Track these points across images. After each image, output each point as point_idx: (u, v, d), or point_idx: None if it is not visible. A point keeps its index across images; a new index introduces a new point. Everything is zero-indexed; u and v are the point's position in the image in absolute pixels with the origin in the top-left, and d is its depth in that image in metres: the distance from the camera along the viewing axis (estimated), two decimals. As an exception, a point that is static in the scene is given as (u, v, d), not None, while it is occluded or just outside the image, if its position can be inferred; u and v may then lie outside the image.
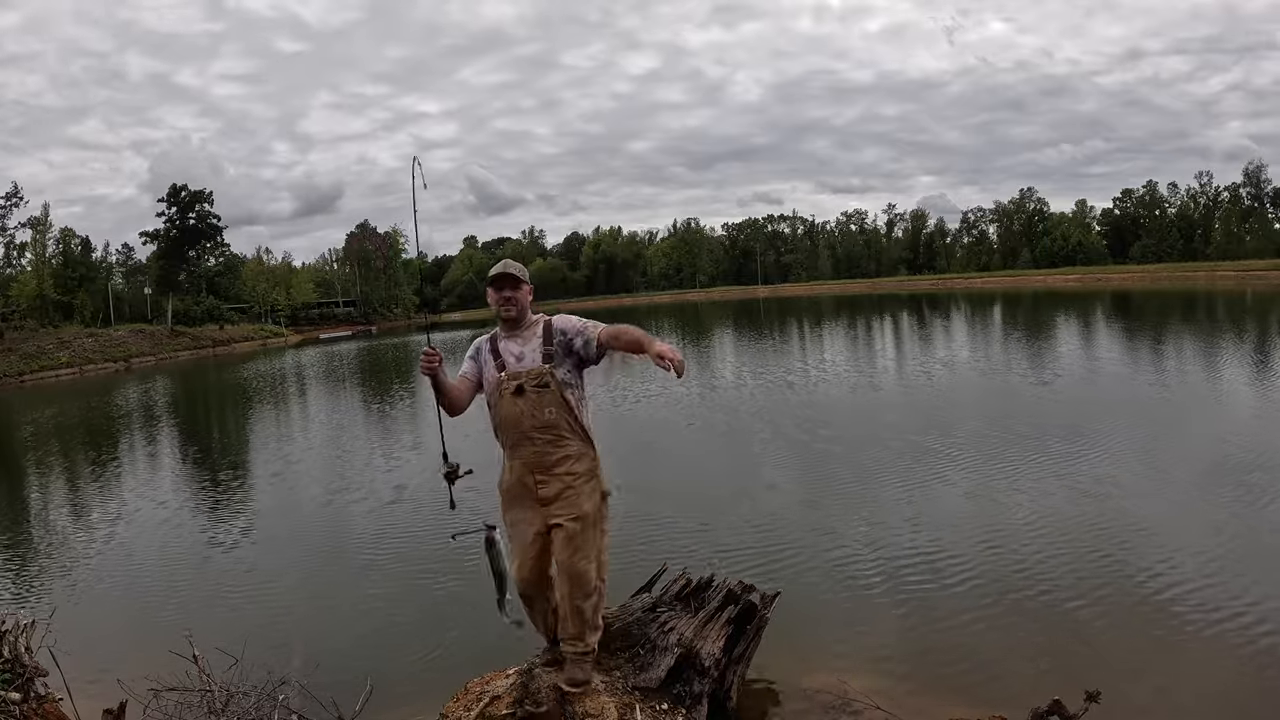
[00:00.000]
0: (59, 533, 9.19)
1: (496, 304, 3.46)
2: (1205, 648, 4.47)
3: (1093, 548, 6.03)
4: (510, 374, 3.41)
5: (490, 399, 3.50)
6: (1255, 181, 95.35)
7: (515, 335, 3.48)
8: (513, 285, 3.44)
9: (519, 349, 3.45)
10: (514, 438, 3.42)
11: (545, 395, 3.38)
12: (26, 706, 3.81)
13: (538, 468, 3.41)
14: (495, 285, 3.46)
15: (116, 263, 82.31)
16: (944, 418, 11.66)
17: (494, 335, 3.56)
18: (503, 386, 3.42)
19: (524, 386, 3.38)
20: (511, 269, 3.46)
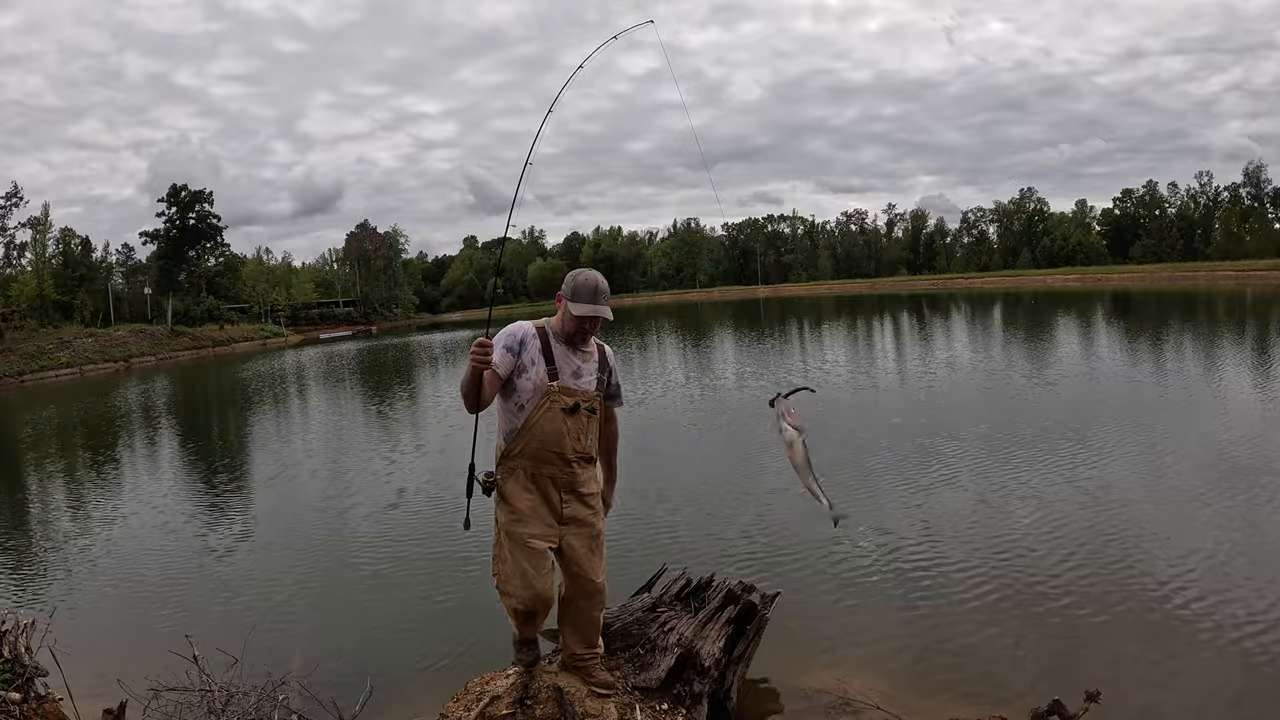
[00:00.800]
0: (59, 533, 9.19)
1: (575, 326, 3.14)
2: (1205, 648, 4.47)
3: (1093, 548, 6.03)
4: (564, 388, 3.14)
5: (525, 402, 3.15)
6: (1255, 181, 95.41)
7: (576, 350, 3.21)
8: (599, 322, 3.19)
9: (578, 364, 3.20)
10: (545, 455, 3.15)
11: (592, 422, 3.22)
12: (26, 706, 3.81)
13: (566, 488, 3.22)
14: (581, 318, 3.12)
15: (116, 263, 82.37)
16: (944, 417, 11.66)
17: (543, 333, 3.20)
18: (552, 398, 3.12)
19: (580, 406, 3.15)
20: (606, 312, 3.12)
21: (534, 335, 3.18)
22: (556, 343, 3.18)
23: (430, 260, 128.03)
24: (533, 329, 3.19)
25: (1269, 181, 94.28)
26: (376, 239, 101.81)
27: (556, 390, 3.11)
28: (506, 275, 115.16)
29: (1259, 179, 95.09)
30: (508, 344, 3.14)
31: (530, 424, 3.12)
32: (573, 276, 3.12)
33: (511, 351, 3.15)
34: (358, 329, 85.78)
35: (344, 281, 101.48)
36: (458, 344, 41.65)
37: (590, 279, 3.07)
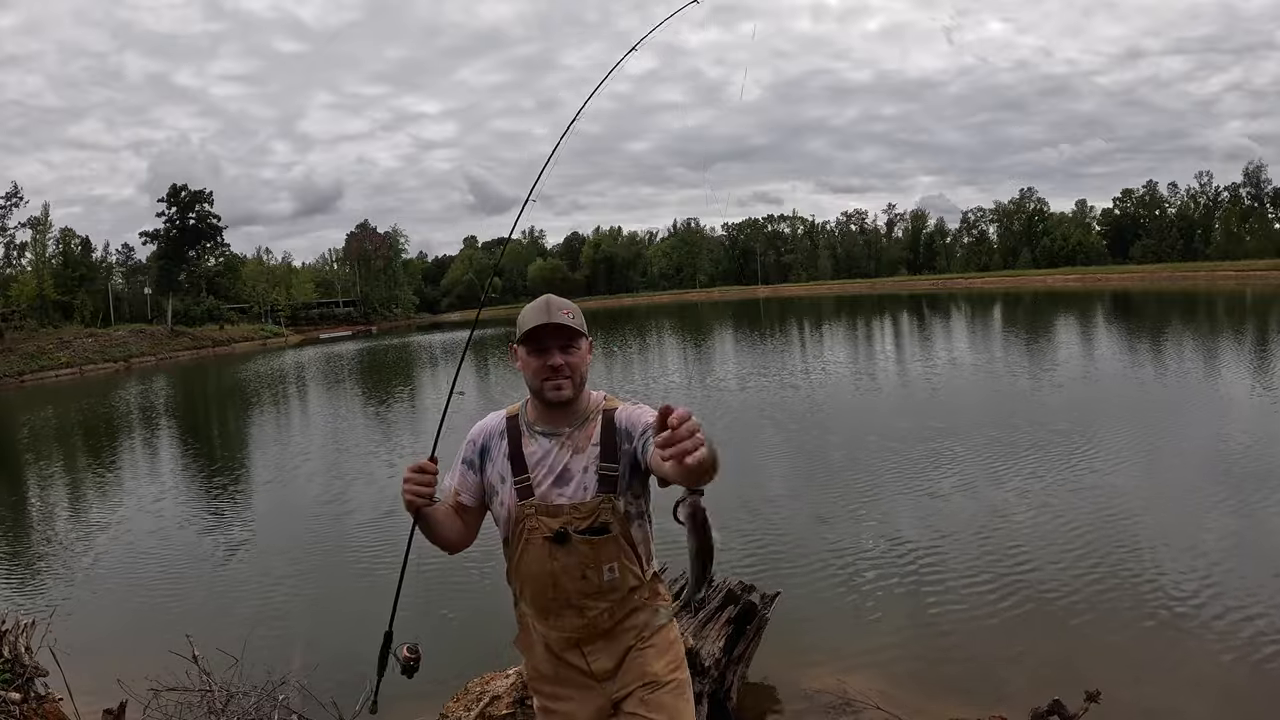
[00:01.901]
0: (59, 533, 9.19)
1: (537, 375, 2.02)
2: (1205, 648, 4.47)
3: (1093, 548, 6.03)
4: (543, 506, 2.01)
5: (504, 533, 2.12)
6: (1255, 181, 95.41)
7: (558, 430, 2.06)
8: (566, 339, 2.02)
9: (562, 459, 2.03)
10: (546, 603, 2.07)
11: (604, 547, 2.00)
12: (26, 706, 3.81)
13: (589, 639, 2.10)
14: (534, 340, 2.01)
15: (116, 263, 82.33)
16: (944, 418, 11.66)
17: (513, 421, 2.13)
18: (528, 527, 2.03)
19: (567, 533, 1.99)
20: (560, 315, 2.01)
21: (501, 434, 2.12)
22: (531, 434, 2.07)
23: (430, 260, 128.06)
24: (501, 422, 2.14)
25: (1269, 181, 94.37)
26: (376, 239, 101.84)
27: (532, 514, 2.02)
28: (506, 275, 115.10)
29: (1259, 179, 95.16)
30: (467, 456, 2.15)
31: (514, 562, 2.09)
32: (521, 317, 2.08)
33: (473, 467, 2.14)
34: (358, 329, 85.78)
35: (344, 281, 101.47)
36: (457, 344, 41.65)
37: (537, 301, 2.07)
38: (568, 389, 2.01)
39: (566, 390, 2.01)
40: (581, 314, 2.06)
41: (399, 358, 37.37)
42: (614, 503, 1.99)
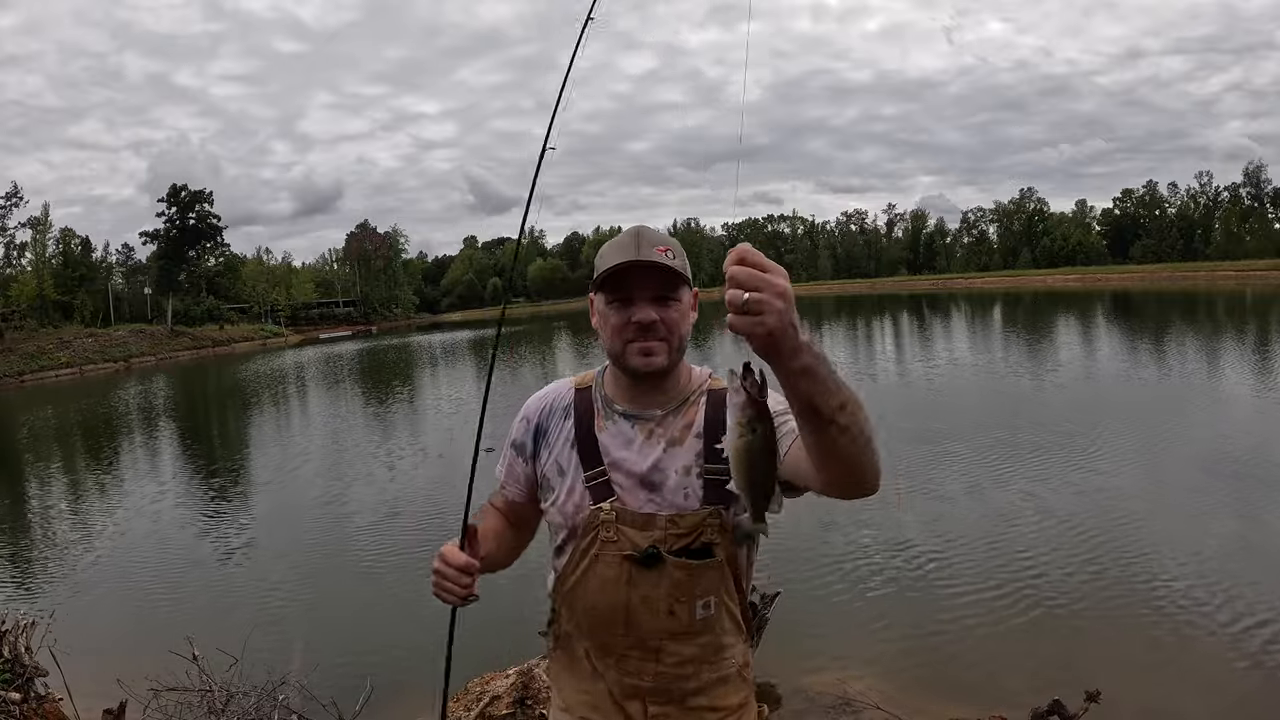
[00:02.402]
0: (59, 533, 9.19)
1: (618, 334, 1.49)
2: (1205, 648, 4.47)
3: (1093, 548, 6.03)
4: (627, 513, 1.49)
5: (558, 540, 1.59)
6: (1255, 181, 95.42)
7: (645, 412, 1.54)
8: (660, 286, 1.47)
9: (651, 452, 1.51)
10: (610, 642, 1.55)
11: (704, 575, 1.48)
12: (26, 706, 3.81)
13: (659, 694, 1.54)
14: (615, 286, 1.49)
15: (116, 263, 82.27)
16: (945, 418, 11.66)
17: (583, 396, 1.61)
18: (600, 539, 1.50)
19: (660, 553, 1.46)
20: (654, 251, 1.46)
21: (566, 410, 1.60)
22: (609, 415, 1.55)
23: (430, 260, 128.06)
24: (568, 394, 1.62)
25: (1269, 181, 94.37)
26: (376, 239, 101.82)
27: (609, 519, 1.49)
28: (506, 275, 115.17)
29: (1259, 179, 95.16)
30: (517, 438, 1.65)
31: (569, 584, 1.55)
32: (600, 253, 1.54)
33: (523, 453, 1.64)
34: (358, 329, 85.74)
35: (344, 281, 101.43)
36: (457, 344, 41.66)
37: (622, 234, 1.51)
38: (661, 355, 1.47)
39: (659, 357, 1.47)
40: (685, 254, 1.51)
41: (399, 358, 37.38)
42: (722, 517, 1.45)
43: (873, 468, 1.17)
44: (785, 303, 0.97)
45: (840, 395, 1.06)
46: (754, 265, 0.98)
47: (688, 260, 1.53)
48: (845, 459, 1.14)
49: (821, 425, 1.08)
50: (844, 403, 1.07)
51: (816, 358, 1.03)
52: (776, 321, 0.96)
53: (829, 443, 1.11)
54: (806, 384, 1.03)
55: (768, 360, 1.01)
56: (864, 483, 1.19)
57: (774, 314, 0.96)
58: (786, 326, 0.97)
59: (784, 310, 0.97)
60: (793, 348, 1.00)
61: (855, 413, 1.10)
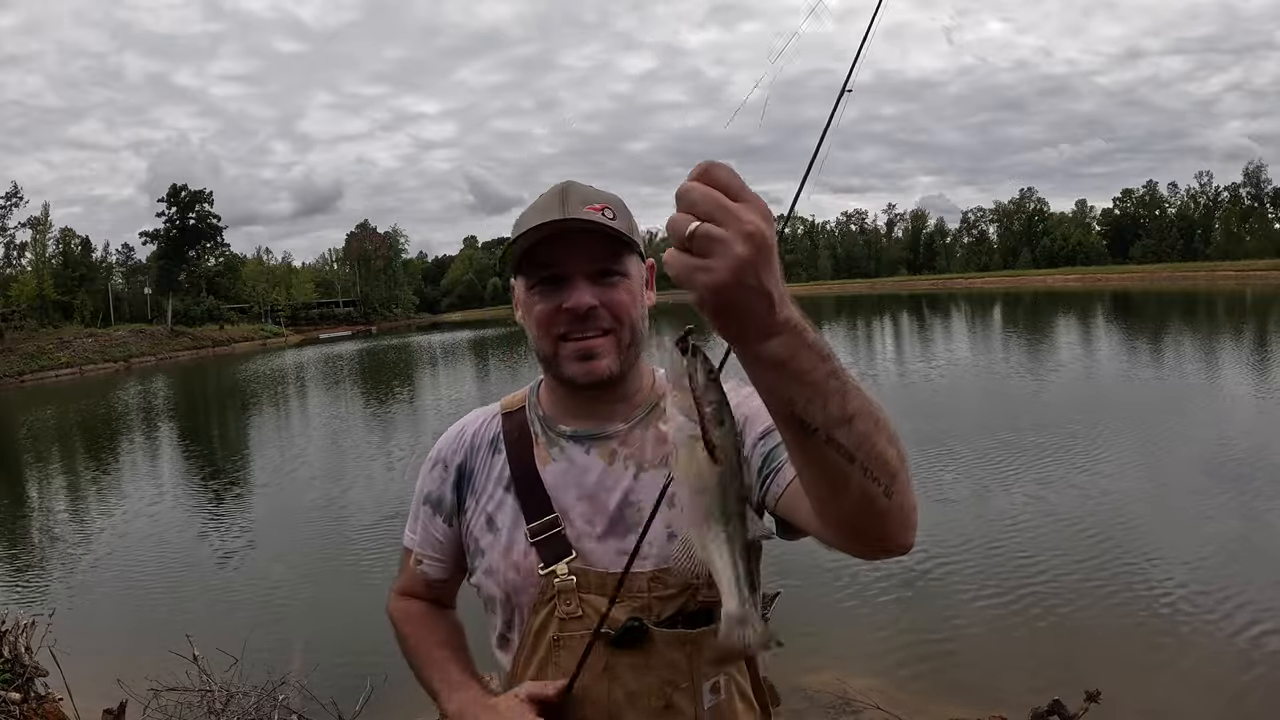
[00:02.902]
0: (59, 534, 9.19)
1: (546, 328, 1.11)
2: (1205, 648, 4.48)
3: (1093, 548, 6.03)
4: (588, 574, 1.10)
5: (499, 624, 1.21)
6: (1255, 181, 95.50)
7: (599, 430, 1.16)
8: (598, 258, 1.09)
9: (615, 484, 1.13)
10: None
11: (709, 646, 1.07)
12: (26, 706, 3.81)
13: None
14: (538, 262, 1.10)
15: (116, 263, 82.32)
16: (944, 417, 11.65)
17: (514, 420, 1.23)
18: (558, 616, 1.11)
19: (644, 626, 1.06)
20: (586, 210, 1.06)
21: (493, 442, 1.22)
22: (551, 440, 1.18)
23: (430, 260, 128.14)
24: (492, 423, 1.24)
25: (1269, 181, 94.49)
26: (376, 239, 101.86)
27: (567, 585, 1.10)
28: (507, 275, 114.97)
29: (1259, 179, 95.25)
30: (430, 490, 1.25)
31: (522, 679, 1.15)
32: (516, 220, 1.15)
33: (440, 508, 1.24)
34: (357, 329, 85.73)
35: (344, 281, 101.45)
36: (457, 344, 41.66)
37: (549, 191, 1.13)
38: (607, 356, 1.08)
39: (605, 360, 1.08)
40: (629, 213, 1.13)
41: (399, 358, 37.38)
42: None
43: (898, 515, 0.79)
44: (752, 251, 0.63)
45: (843, 403, 0.72)
46: (719, 185, 0.64)
47: (636, 222, 1.14)
48: (853, 501, 0.77)
49: (811, 448, 0.73)
50: (849, 415, 0.72)
51: (800, 343, 0.70)
52: (731, 275, 0.63)
53: (826, 475, 0.76)
54: (782, 382, 0.70)
55: (725, 337, 0.70)
56: (884, 537, 0.82)
57: (730, 262, 0.62)
58: (748, 286, 0.64)
59: (747, 261, 0.63)
60: (761, 324, 0.67)
61: (869, 431, 0.73)
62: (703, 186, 0.64)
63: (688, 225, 0.63)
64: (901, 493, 0.78)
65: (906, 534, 0.82)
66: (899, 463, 0.77)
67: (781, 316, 0.67)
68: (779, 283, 0.66)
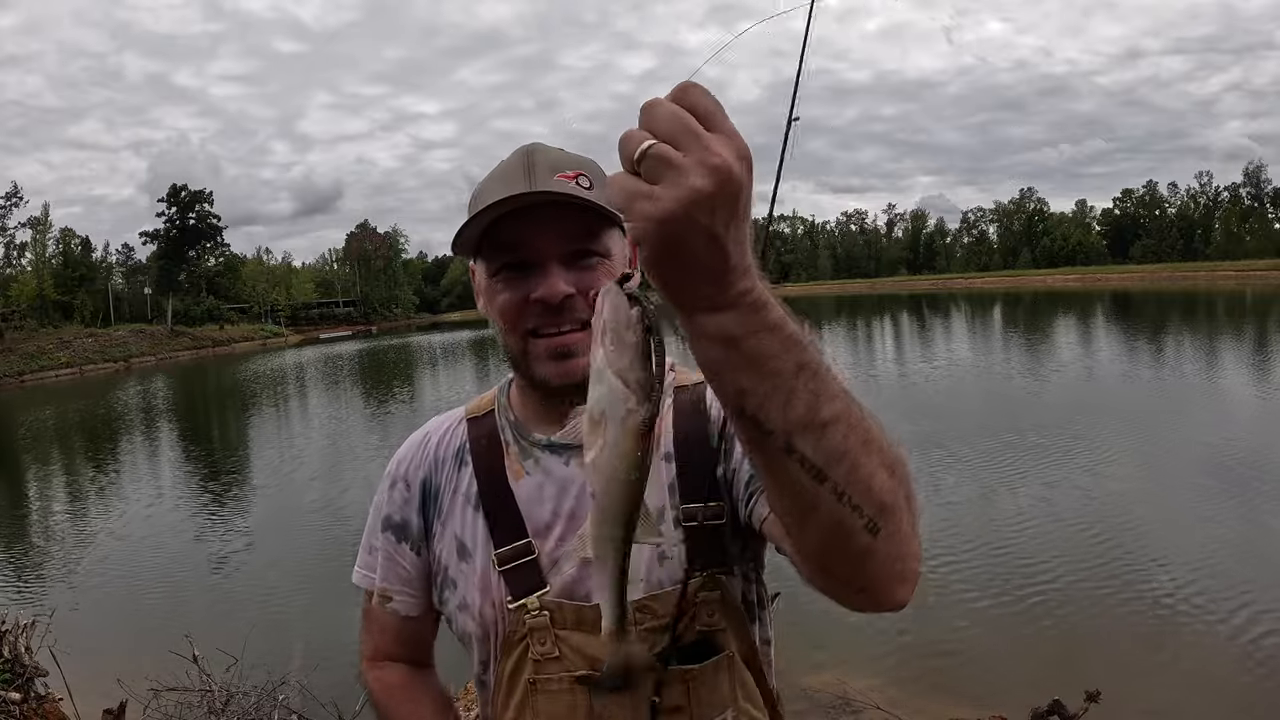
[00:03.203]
0: (59, 534, 9.19)
1: (514, 321, 0.96)
2: (1205, 648, 4.48)
3: (1093, 549, 6.03)
4: (564, 608, 0.95)
5: (476, 662, 1.04)
6: (1255, 181, 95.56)
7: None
8: (573, 236, 0.93)
9: None
10: None
11: (708, 686, 0.95)
12: (26, 706, 3.81)
13: None
14: (501, 246, 0.95)
15: (116, 263, 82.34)
16: (943, 417, 11.66)
17: (480, 426, 1.08)
18: (531, 657, 0.96)
19: (632, 672, 0.80)
20: (554, 179, 0.92)
21: (458, 454, 1.08)
22: (525, 450, 1.03)
23: (430, 260, 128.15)
24: (458, 425, 1.12)
25: (1269, 181, 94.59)
26: (376, 239, 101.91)
27: (540, 622, 0.95)
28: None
29: (1259, 179, 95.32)
30: (392, 514, 1.12)
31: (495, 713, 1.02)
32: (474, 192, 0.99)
33: (405, 534, 1.10)
34: (357, 329, 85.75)
35: (344, 281, 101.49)
36: (457, 344, 41.66)
37: (509, 157, 0.99)
38: (586, 354, 0.83)
39: (583, 358, 0.91)
40: (604, 177, 0.92)
41: (399, 358, 37.38)
42: (724, 586, 0.96)
43: (885, 562, 0.66)
44: (713, 186, 0.52)
45: (813, 405, 0.58)
46: (694, 109, 0.53)
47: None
48: (822, 532, 0.64)
49: (767, 454, 0.61)
50: (820, 420, 0.59)
51: (760, 322, 0.57)
52: (679, 208, 0.51)
53: (786, 493, 0.63)
54: (731, 366, 0.58)
55: (664, 294, 0.57)
56: (865, 587, 0.68)
57: (681, 193, 0.51)
58: (698, 229, 0.52)
59: (703, 196, 0.51)
60: (710, 287, 0.55)
61: (849, 448, 0.60)
62: (671, 105, 0.53)
63: (641, 142, 0.52)
64: (895, 534, 0.64)
65: (896, 588, 0.68)
66: (894, 495, 0.63)
67: (739, 287, 0.55)
68: (742, 244, 0.55)
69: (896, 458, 0.64)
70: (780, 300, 0.59)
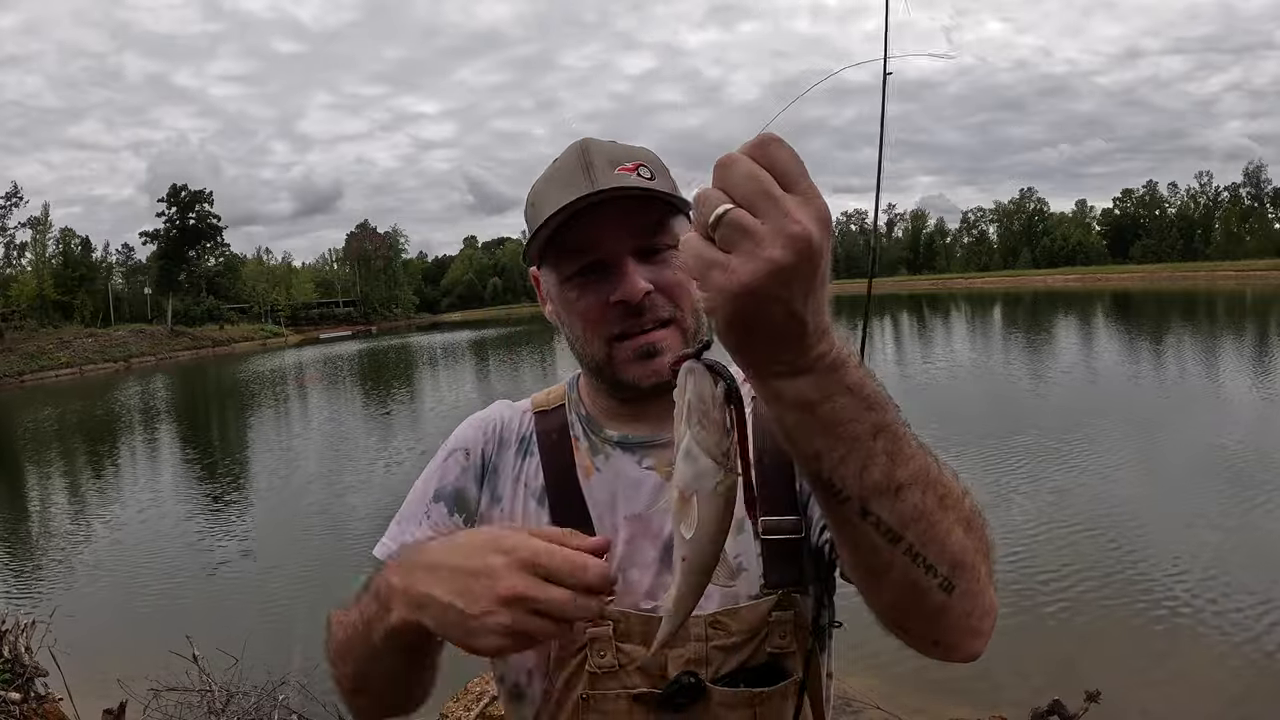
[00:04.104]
0: (59, 533, 9.19)
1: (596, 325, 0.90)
2: (1205, 648, 4.48)
3: (1092, 548, 6.03)
4: (633, 620, 0.88)
5: (520, 682, 0.95)
6: (1255, 181, 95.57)
7: (654, 437, 0.93)
8: (644, 230, 0.88)
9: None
10: None
11: (775, 708, 0.88)
12: (26, 706, 3.81)
13: None
14: (573, 248, 0.89)
15: (116, 263, 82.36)
16: (944, 418, 11.65)
17: (550, 419, 1.01)
18: (589, 670, 0.88)
19: (701, 684, 0.85)
20: (619, 174, 0.86)
21: (526, 438, 1.01)
22: (596, 446, 0.97)
23: (430, 260, 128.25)
24: (524, 415, 1.04)
25: (1269, 181, 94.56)
26: (376, 239, 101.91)
27: (603, 632, 0.88)
28: (507, 275, 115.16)
29: (1259, 179, 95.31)
30: (449, 482, 1.02)
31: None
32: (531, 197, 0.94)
33: (463, 503, 1.01)
34: (358, 329, 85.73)
35: (344, 281, 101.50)
36: (457, 344, 41.65)
37: (564, 155, 0.92)
38: (672, 351, 0.87)
39: (670, 356, 0.81)
40: (665, 167, 0.94)
41: (399, 358, 37.38)
42: (798, 607, 0.90)
43: (960, 619, 0.67)
44: (792, 258, 0.49)
45: (889, 468, 0.59)
46: (773, 167, 0.51)
47: (674, 179, 0.93)
48: (896, 592, 0.66)
49: (842, 518, 0.61)
50: (895, 483, 0.59)
51: (837, 385, 0.56)
52: (755, 282, 0.50)
53: (861, 554, 0.64)
54: (807, 431, 0.57)
55: (737, 361, 0.56)
56: (938, 641, 0.71)
57: (758, 266, 0.49)
58: (775, 303, 0.51)
59: (780, 269, 0.49)
60: (786, 356, 0.54)
61: (926, 509, 0.61)
62: (749, 163, 0.50)
63: (717, 206, 0.50)
64: (969, 591, 0.64)
65: (970, 642, 0.69)
66: (969, 552, 0.63)
67: (815, 350, 0.54)
68: (820, 309, 0.53)
69: (973, 511, 0.65)
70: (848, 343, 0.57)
